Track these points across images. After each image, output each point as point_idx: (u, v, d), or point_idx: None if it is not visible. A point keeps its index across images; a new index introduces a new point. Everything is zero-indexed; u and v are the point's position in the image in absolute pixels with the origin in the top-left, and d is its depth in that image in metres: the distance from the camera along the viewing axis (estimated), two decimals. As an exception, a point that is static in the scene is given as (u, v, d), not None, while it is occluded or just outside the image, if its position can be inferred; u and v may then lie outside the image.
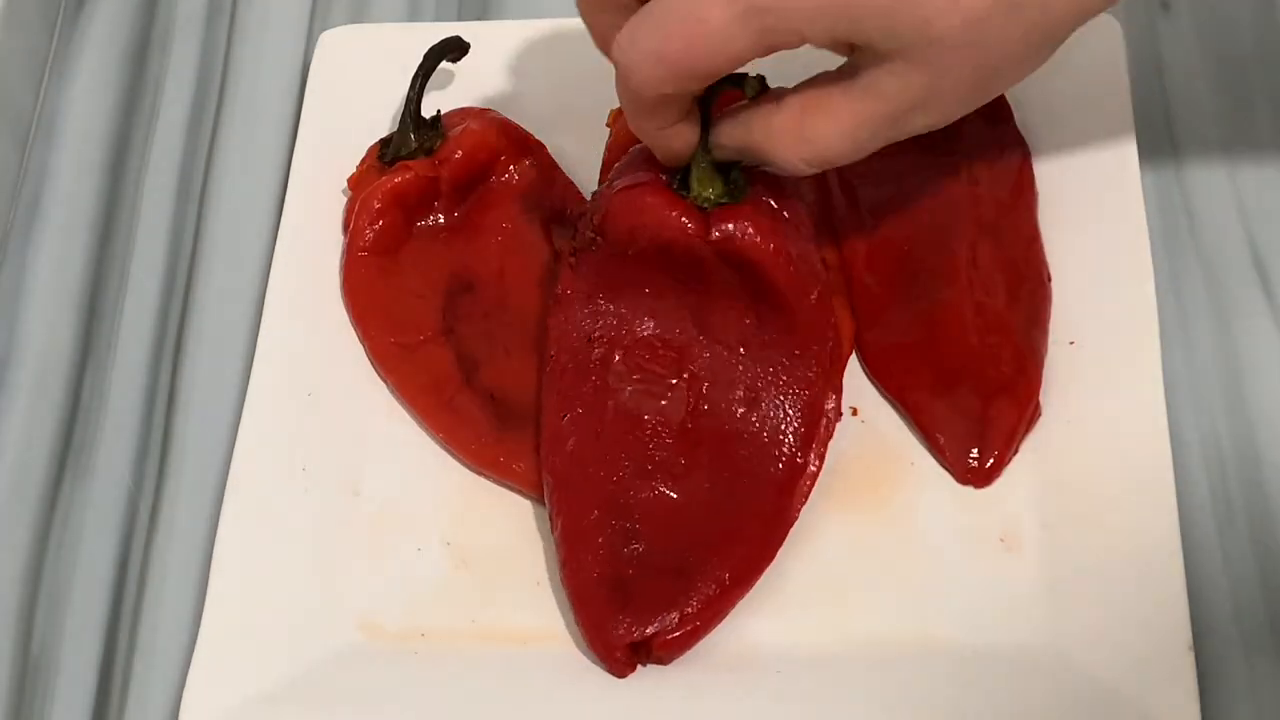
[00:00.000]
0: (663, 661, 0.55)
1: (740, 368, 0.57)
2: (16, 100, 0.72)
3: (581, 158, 0.66)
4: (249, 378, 0.62)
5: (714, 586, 0.55)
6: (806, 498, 0.57)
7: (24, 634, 0.60)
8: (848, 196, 0.63)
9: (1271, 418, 0.59)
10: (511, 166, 0.65)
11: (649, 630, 0.54)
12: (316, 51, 0.69)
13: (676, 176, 0.56)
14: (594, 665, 0.56)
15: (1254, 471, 0.58)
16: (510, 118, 0.66)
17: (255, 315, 0.64)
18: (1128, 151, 0.62)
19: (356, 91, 0.68)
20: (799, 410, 0.57)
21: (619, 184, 0.56)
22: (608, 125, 0.65)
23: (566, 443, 0.58)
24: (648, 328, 0.58)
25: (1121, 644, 0.53)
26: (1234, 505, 0.58)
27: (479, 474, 0.60)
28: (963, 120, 0.64)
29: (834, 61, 0.53)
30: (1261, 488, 0.58)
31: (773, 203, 0.56)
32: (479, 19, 0.73)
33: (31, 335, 0.67)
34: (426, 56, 0.65)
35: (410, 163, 0.64)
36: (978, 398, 0.58)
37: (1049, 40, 0.52)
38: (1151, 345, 0.58)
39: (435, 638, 0.57)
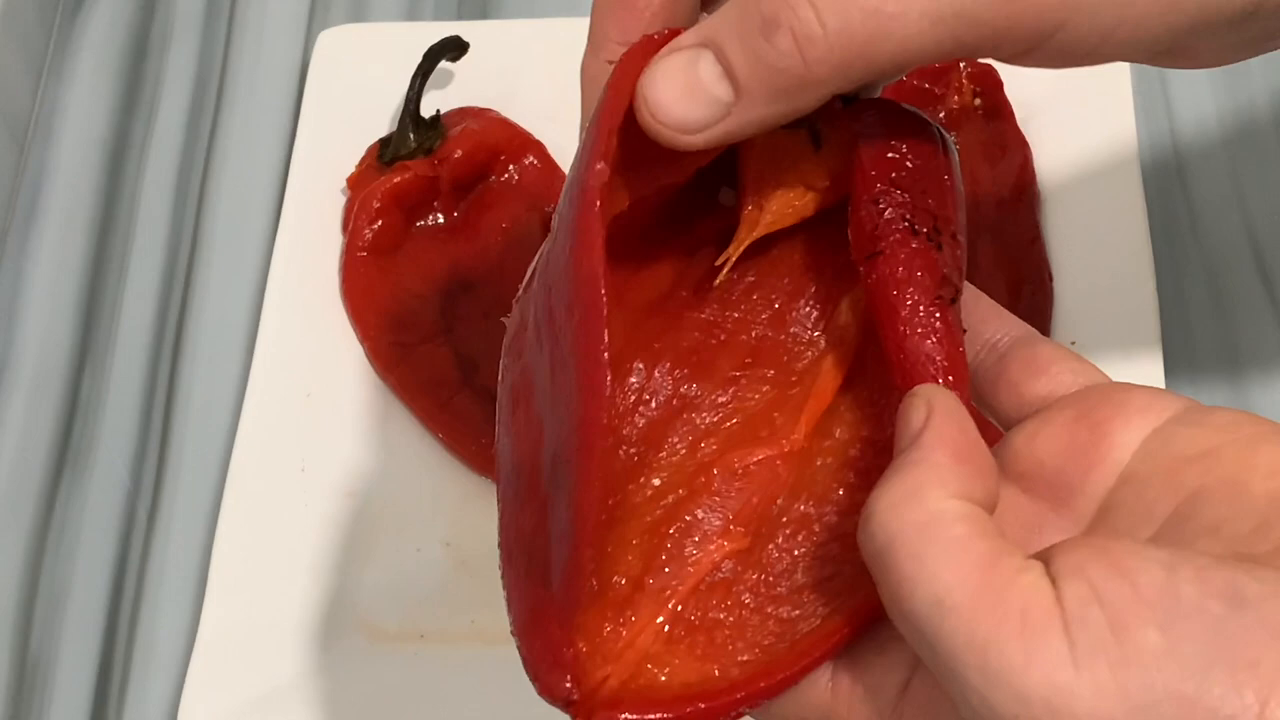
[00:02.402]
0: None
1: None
2: (15, 100, 0.72)
3: (581, 157, 0.66)
4: (248, 378, 0.61)
5: None
6: None
7: (23, 634, 0.60)
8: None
9: (1273, 417, 0.59)
10: (511, 166, 0.65)
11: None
12: (315, 51, 0.69)
13: None
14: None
15: (1255, 471, 0.58)
16: (510, 117, 0.66)
17: (254, 315, 0.64)
18: (1129, 151, 0.62)
19: (355, 91, 0.68)
20: None
21: None
22: (608, 125, 0.65)
23: None
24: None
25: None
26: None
27: (479, 474, 0.60)
28: (962, 120, 0.64)
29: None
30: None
31: None
32: (479, 19, 0.73)
33: (31, 335, 0.67)
34: (426, 56, 0.65)
35: (410, 163, 0.64)
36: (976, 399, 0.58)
37: None
38: (1152, 345, 0.58)
39: (435, 638, 0.57)
